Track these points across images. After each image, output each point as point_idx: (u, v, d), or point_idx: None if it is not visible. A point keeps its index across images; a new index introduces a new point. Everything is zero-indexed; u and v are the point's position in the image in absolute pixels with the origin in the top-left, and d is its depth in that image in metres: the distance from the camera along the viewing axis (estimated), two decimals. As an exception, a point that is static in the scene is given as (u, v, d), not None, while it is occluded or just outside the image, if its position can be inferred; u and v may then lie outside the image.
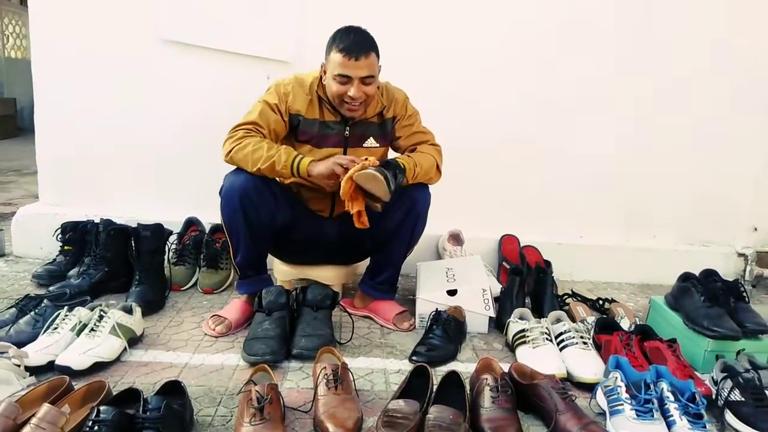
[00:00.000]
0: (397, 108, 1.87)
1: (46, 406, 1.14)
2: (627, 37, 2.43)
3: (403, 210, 1.79)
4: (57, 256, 2.18)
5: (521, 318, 1.80)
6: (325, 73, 1.75)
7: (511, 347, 1.75)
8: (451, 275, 2.01)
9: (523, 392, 1.39)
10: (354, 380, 1.43)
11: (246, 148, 1.69)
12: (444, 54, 2.37)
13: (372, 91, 1.74)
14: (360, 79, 1.68)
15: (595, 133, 2.50)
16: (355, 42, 1.66)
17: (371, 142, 1.87)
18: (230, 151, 1.71)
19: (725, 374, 1.47)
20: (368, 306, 1.98)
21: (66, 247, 2.18)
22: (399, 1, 2.33)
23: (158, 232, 2.05)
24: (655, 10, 2.41)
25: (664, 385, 1.33)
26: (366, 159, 1.66)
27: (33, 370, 1.44)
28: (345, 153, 1.81)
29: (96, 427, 1.09)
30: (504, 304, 1.97)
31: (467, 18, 2.36)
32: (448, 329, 1.73)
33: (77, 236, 2.17)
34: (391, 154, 1.94)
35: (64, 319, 1.57)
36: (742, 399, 1.40)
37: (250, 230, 1.75)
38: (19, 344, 1.49)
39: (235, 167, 1.74)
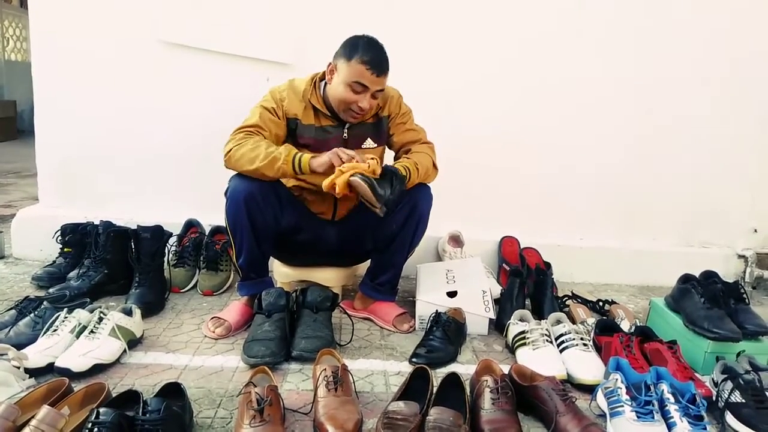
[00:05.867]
0: (392, 106, 1.89)
1: (45, 408, 1.14)
2: (627, 38, 2.43)
3: (405, 211, 1.79)
4: (57, 258, 2.18)
5: (521, 320, 1.80)
6: (331, 74, 1.75)
7: (511, 349, 1.75)
8: (451, 277, 2.01)
9: (524, 394, 1.39)
10: (354, 382, 1.43)
11: (244, 147, 1.68)
12: (444, 55, 2.38)
13: (378, 103, 1.82)
14: (374, 92, 1.73)
15: (595, 135, 2.50)
16: (380, 58, 1.71)
17: (369, 142, 1.89)
18: (229, 151, 1.69)
19: (725, 376, 1.46)
20: (368, 307, 1.98)
21: (66, 249, 2.18)
22: (399, 3, 2.34)
23: (158, 234, 2.05)
24: (657, 12, 2.41)
25: (664, 387, 1.33)
26: (372, 158, 1.65)
27: (32, 372, 1.44)
28: None
29: (96, 429, 1.09)
30: (504, 306, 1.96)
31: (468, 19, 2.36)
32: (448, 331, 1.72)
33: (77, 238, 2.17)
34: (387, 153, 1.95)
35: (63, 321, 1.57)
36: (743, 400, 1.40)
37: (255, 232, 1.75)
38: (19, 346, 1.48)
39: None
